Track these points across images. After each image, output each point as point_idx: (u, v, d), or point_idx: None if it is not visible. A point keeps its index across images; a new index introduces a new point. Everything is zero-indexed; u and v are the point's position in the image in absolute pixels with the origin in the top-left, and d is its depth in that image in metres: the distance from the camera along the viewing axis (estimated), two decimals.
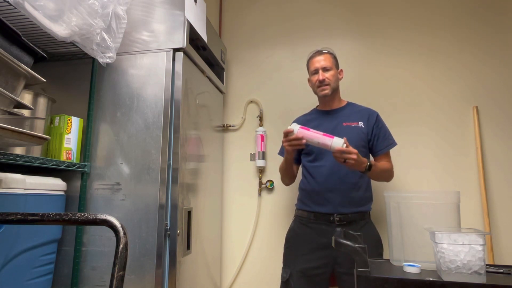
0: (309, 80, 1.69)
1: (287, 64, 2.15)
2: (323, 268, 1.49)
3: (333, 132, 1.47)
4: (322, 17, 2.17)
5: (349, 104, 1.67)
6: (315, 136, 1.37)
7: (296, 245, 1.56)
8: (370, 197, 1.57)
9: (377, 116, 1.60)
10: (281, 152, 1.75)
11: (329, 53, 1.61)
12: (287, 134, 1.40)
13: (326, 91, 1.58)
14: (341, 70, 1.66)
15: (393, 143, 1.58)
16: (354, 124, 1.56)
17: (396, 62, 2.01)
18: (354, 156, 1.33)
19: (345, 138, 1.35)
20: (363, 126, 1.56)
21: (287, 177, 1.71)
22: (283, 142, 1.45)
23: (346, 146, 1.33)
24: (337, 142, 1.34)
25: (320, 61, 1.58)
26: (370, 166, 1.41)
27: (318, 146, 1.39)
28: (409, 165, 1.89)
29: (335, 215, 1.47)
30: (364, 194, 1.53)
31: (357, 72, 2.05)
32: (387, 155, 1.60)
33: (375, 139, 1.57)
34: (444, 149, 1.87)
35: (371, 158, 1.59)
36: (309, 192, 1.56)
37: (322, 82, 1.57)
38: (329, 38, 2.13)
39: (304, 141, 1.38)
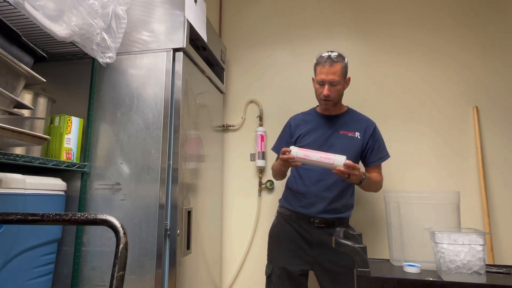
0: (313, 80, 1.59)
1: (287, 64, 2.15)
2: (304, 265, 1.51)
3: (328, 139, 1.52)
4: (322, 17, 2.16)
5: (349, 110, 1.65)
6: (314, 161, 1.37)
7: (278, 241, 1.59)
8: (352, 205, 1.59)
9: (375, 128, 1.60)
10: (275, 148, 1.75)
11: (340, 62, 1.49)
12: (284, 153, 1.41)
13: (328, 105, 1.56)
14: (349, 78, 1.58)
15: (386, 156, 1.60)
16: (350, 134, 1.57)
17: (396, 62, 2.01)
18: (356, 172, 1.35)
19: (345, 156, 1.35)
20: (359, 137, 1.56)
21: (279, 176, 1.74)
22: (280, 158, 1.46)
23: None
24: (339, 160, 1.34)
25: (329, 74, 1.48)
26: (365, 179, 1.44)
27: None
28: (409, 165, 1.89)
29: (315, 217, 1.51)
30: (347, 202, 1.55)
31: (357, 72, 2.04)
32: (379, 167, 1.62)
33: (369, 151, 1.58)
34: (444, 149, 1.87)
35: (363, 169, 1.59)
36: (295, 192, 1.59)
37: (326, 97, 1.52)
38: (329, 38, 2.13)
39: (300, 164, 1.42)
